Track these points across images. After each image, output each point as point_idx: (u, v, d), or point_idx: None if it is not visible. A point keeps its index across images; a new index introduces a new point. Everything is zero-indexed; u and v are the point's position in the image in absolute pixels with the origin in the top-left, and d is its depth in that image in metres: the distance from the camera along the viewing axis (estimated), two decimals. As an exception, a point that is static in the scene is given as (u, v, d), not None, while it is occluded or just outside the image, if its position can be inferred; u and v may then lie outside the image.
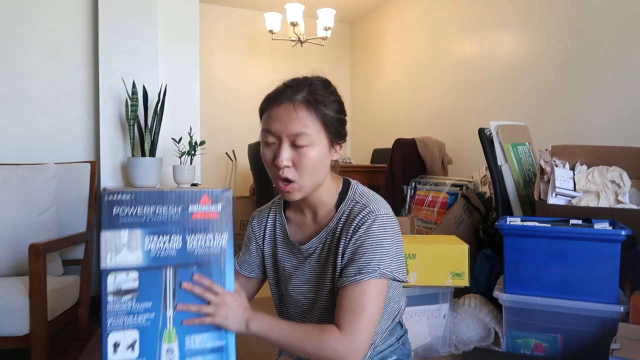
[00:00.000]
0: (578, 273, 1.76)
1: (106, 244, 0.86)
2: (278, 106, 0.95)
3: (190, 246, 0.89)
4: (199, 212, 0.90)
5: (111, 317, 0.85)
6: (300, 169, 0.94)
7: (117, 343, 0.85)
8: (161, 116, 2.50)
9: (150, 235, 0.87)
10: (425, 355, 2.03)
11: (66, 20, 2.59)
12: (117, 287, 0.85)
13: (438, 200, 2.91)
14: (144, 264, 0.87)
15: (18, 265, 1.96)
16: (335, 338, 0.89)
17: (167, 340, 0.87)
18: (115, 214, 0.86)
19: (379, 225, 0.96)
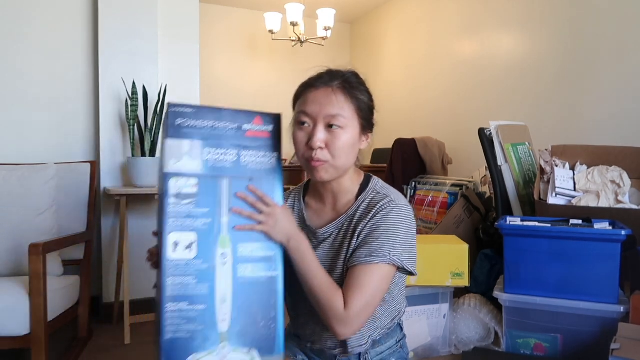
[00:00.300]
0: (578, 273, 1.76)
1: (170, 150, 0.92)
2: (316, 90, 1.00)
3: (244, 160, 0.96)
4: (252, 131, 0.98)
5: (172, 218, 0.90)
6: (333, 150, 0.98)
7: (176, 242, 0.90)
8: (161, 116, 2.50)
9: (209, 147, 0.94)
10: (425, 355, 2.03)
11: (66, 20, 2.59)
12: (178, 191, 0.91)
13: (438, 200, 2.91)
14: (202, 172, 0.93)
15: (18, 265, 1.96)
16: (340, 306, 0.94)
17: (221, 245, 0.92)
18: (178, 124, 0.93)
19: (397, 214, 1.00)
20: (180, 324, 0.88)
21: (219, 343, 0.90)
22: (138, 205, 2.64)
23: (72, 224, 2.27)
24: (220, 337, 0.90)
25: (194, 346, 0.88)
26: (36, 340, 1.65)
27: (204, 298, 0.90)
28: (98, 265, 2.65)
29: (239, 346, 0.91)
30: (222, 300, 0.91)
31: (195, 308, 0.89)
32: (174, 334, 0.88)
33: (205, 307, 0.90)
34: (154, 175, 2.46)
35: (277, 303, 0.96)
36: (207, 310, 0.90)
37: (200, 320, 0.89)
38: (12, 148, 2.48)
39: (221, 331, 0.90)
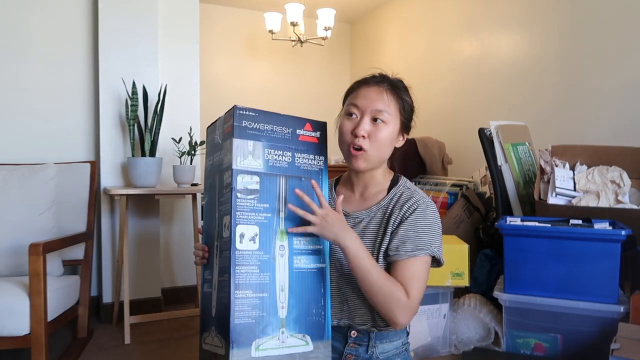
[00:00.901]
0: (578, 273, 1.76)
1: (237, 149, 1.00)
2: (369, 86, 1.12)
3: (298, 162, 1.07)
4: (304, 135, 1.09)
5: (239, 211, 0.98)
6: (374, 141, 1.09)
7: (242, 234, 0.98)
8: (161, 116, 2.50)
9: (269, 148, 1.04)
10: (425, 355, 2.03)
11: (66, 21, 2.59)
12: (244, 187, 1.00)
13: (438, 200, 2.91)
14: (264, 170, 1.02)
15: (18, 265, 1.96)
16: (403, 297, 1.03)
17: (280, 239, 1.02)
18: (243, 125, 1.02)
19: (432, 211, 1.11)
20: (246, 310, 0.96)
21: (280, 328, 0.98)
22: (138, 205, 2.64)
23: (72, 224, 2.27)
24: (281, 323, 0.99)
25: (258, 331, 0.96)
26: (36, 340, 1.65)
27: (266, 286, 0.99)
28: (98, 265, 2.65)
29: (295, 332, 1.00)
30: (281, 288, 1.00)
31: (259, 295, 0.98)
32: (241, 319, 0.95)
33: (267, 295, 0.98)
34: (153, 175, 2.46)
35: (326, 292, 1.06)
36: (269, 297, 0.98)
37: (263, 307, 0.98)
38: (12, 148, 2.48)
39: (281, 317, 0.99)
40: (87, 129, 2.66)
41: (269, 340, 0.97)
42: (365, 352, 1.12)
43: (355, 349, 1.13)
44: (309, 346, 1.01)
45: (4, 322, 1.64)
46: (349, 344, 1.13)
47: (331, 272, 1.12)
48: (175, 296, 2.87)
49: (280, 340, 0.98)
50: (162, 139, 2.61)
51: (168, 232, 2.88)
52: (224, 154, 1.04)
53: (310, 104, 5.15)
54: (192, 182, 2.59)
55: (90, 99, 2.66)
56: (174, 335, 2.37)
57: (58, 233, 2.12)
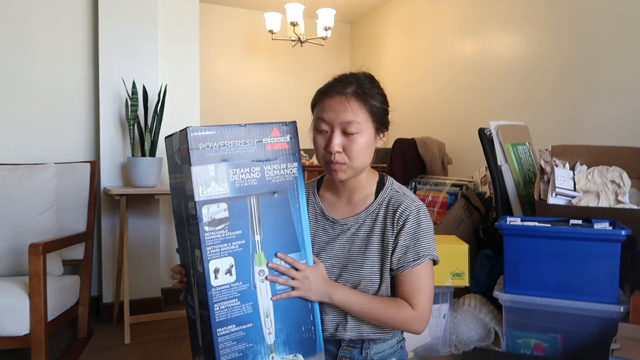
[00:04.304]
0: (578, 273, 1.76)
1: (197, 178, 0.91)
2: (331, 98, 1.04)
3: (268, 175, 0.97)
4: (272, 144, 0.98)
5: (209, 246, 0.91)
6: (350, 153, 1.04)
7: (217, 269, 0.92)
8: (161, 116, 2.50)
9: (233, 167, 0.94)
10: (425, 355, 2.03)
11: (66, 20, 2.59)
12: (211, 217, 0.92)
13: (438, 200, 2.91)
14: (230, 195, 0.93)
15: (18, 265, 1.96)
16: (410, 313, 1.04)
17: (257, 263, 0.96)
18: (201, 148, 0.91)
19: (423, 215, 1.09)
20: (232, 345, 0.93)
21: (269, 355, 0.96)
22: (138, 205, 2.64)
23: (72, 224, 2.27)
24: (269, 349, 0.96)
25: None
26: (36, 340, 1.65)
27: (250, 316, 0.95)
28: (98, 265, 2.65)
29: (285, 354, 0.98)
30: (266, 315, 0.97)
31: (243, 328, 0.94)
32: (227, 356, 0.92)
33: (252, 325, 0.95)
34: (153, 175, 2.46)
35: (314, 307, 1.03)
36: (254, 327, 0.95)
37: (249, 338, 0.94)
38: (12, 148, 2.48)
39: (269, 343, 0.96)
40: (87, 129, 2.66)
41: None
42: (359, 354, 1.12)
43: (350, 351, 1.12)
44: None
45: (4, 322, 1.64)
46: (343, 347, 1.12)
47: None
48: (175, 296, 2.86)
49: None
50: (162, 139, 2.61)
51: (168, 232, 2.88)
52: (185, 179, 0.95)
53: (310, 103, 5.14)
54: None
55: (90, 99, 2.66)
56: (174, 335, 2.37)
57: (58, 233, 2.12)
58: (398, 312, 1.04)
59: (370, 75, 1.11)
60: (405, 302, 1.05)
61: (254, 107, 5.22)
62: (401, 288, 1.07)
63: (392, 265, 1.08)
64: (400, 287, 1.07)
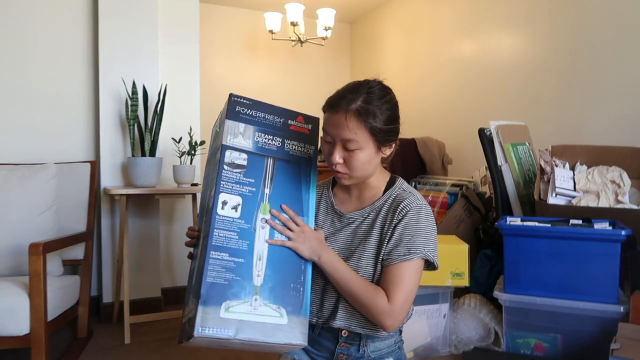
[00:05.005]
0: (578, 273, 1.76)
1: (228, 129, 1.08)
2: (335, 113, 1.07)
3: (287, 147, 1.13)
4: (295, 126, 1.15)
5: (224, 181, 1.05)
6: (350, 167, 1.08)
7: (225, 202, 1.04)
8: (161, 116, 2.50)
9: (259, 132, 1.11)
10: (425, 355, 2.03)
11: (66, 20, 2.59)
12: (231, 161, 1.06)
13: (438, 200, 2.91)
14: (252, 150, 1.09)
15: (18, 265, 1.96)
16: (384, 302, 1.03)
17: (262, 212, 1.06)
18: (237, 110, 1.10)
19: (425, 213, 1.10)
20: (220, 271, 0.99)
21: (253, 295, 0.99)
22: (138, 205, 2.64)
23: (72, 224, 2.27)
24: (255, 290, 1.00)
25: (230, 294, 0.98)
26: (36, 340, 1.65)
27: (243, 253, 1.02)
28: (98, 265, 2.65)
29: (270, 302, 1.00)
30: (259, 257, 1.02)
31: (235, 260, 1.00)
32: (214, 279, 0.98)
33: (243, 260, 1.01)
34: (153, 175, 2.46)
35: (306, 270, 1.07)
36: (245, 264, 1.01)
37: (238, 271, 1.00)
38: (12, 148, 2.48)
39: (256, 284, 1.00)
40: (87, 129, 2.65)
41: (240, 304, 0.98)
42: (356, 351, 1.12)
43: (347, 348, 1.13)
44: (282, 319, 1.00)
45: (4, 322, 1.64)
46: (340, 344, 1.13)
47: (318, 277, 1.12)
48: (175, 296, 2.86)
49: (253, 306, 0.98)
50: (162, 139, 2.61)
51: (168, 232, 2.88)
52: (220, 138, 1.10)
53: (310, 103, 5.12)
54: (192, 182, 2.59)
55: (90, 99, 2.66)
56: (174, 335, 2.37)
57: (58, 233, 2.12)
58: (374, 297, 1.03)
59: (383, 87, 1.12)
60: (382, 290, 1.05)
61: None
62: (382, 280, 1.06)
63: (383, 256, 1.08)
64: (382, 279, 1.07)
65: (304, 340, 1.00)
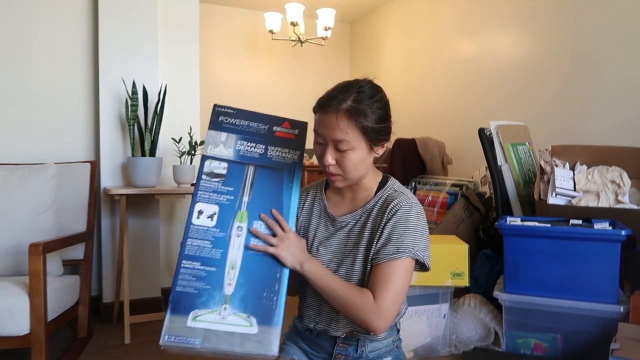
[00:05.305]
0: (578, 273, 1.76)
1: (209, 139, 1.11)
2: (326, 114, 1.05)
3: (270, 153, 1.12)
4: (280, 132, 1.14)
5: (201, 191, 1.07)
6: (343, 167, 1.07)
7: (200, 211, 1.05)
8: (161, 116, 2.50)
9: (242, 140, 1.12)
10: (425, 355, 2.03)
11: (66, 20, 2.59)
12: (210, 170, 1.08)
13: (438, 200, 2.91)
14: (233, 158, 1.10)
15: (18, 265, 1.96)
16: (369, 303, 1.01)
17: (239, 220, 1.06)
18: (220, 120, 1.13)
19: (415, 212, 1.08)
20: (190, 280, 1.00)
21: (222, 304, 0.99)
22: (138, 205, 2.64)
23: (72, 224, 2.27)
24: (225, 299, 1.00)
25: (199, 302, 0.99)
26: (36, 340, 1.65)
27: (216, 261, 1.02)
28: (98, 265, 2.65)
29: (240, 311, 0.99)
30: (232, 266, 1.02)
31: (207, 269, 1.01)
32: (183, 288, 0.99)
33: (215, 269, 1.01)
34: (153, 175, 2.46)
35: (282, 278, 1.04)
36: (217, 272, 1.01)
37: (209, 280, 1.00)
38: (12, 148, 2.48)
39: (226, 293, 1.00)
40: (87, 129, 2.65)
41: (208, 313, 0.98)
42: (354, 351, 1.12)
43: (345, 348, 1.13)
44: (252, 328, 0.98)
45: (4, 322, 1.64)
46: (338, 344, 1.13)
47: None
48: (175, 296, 2.86)
49: (221, 315, 0.98)
50: (162, 139, 2.61)
51: (168, 232, 2.88)
52: None
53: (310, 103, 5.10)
54: (192, 182, 2.59)
55: (90, 99, 2.66)
56: (174, 335, 2.37)
57: (58, 233, 2.12)
58: (359, 297, 1.02)
59: (373, 85, 1.10)
60: (369, 291, 1.03)
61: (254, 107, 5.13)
62: (370, 279, 1.05)
63: (372, 255, 1.07)
64: (370, 278, 1.05)
65: (275, 350, 0.97)
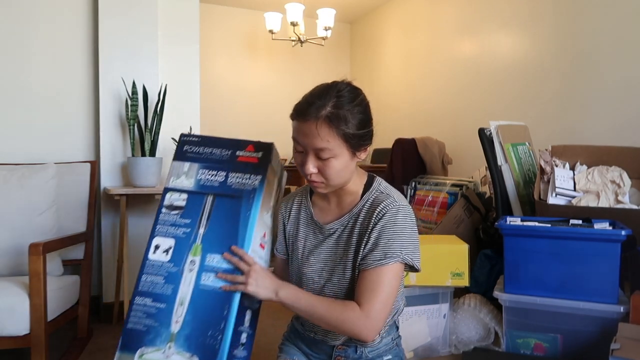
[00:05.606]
0: (578, 273, 1.76)
1: (172, 170, 1.11)
2: (304, 122, 1.01)
3: (230, 181, 1.08)
4: (243, 156, 1.10)
5: (160, 225, 1.06)
6: (325, 175, 1.04)
7: (157, 245, 1.05)
8: (161, 116, 2.51)
9: (204, 169, 1.10)
10: (425, 355, 2.03)
11: (66, 20, 2.59)
12: (170, 203, 1.08)
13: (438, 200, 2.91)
14: (193, 189, 1.09)
15: (18, 265, 1.96)
16: (355, 314, 0.98)
17: (193, 253, 1.04)
18: (184, 150, 1.13)
19: (402, 215, 1.05)
20: (141, 317, 1.00)
21: (167, 342, 0.98)
22: (138, 205, 2.64)
23: (72, 224, 2.26)
24: (170, 337, 0.98)
25: (147, 340, 0.98)
26: (36, 340, 1.65)
27: (166, 298, 1.01)
28: (98, 265, 2.65)
29: (183, 349, 0.97)
30: (180, 302, 1.00)
31: (157, 306, 1.00)
32: (134, 325, 1.00)
33: (165, 306, 1.00)
34: (153, 175, 2.46)
35: (229, 316, 0.99)
36: (166, 309, 1.00)
37: (157, 317, 1.00)
38: (12, 148, 2.48)
39: (172, 331, 0.98)
40: (87, 129, 2.65)
41: (154, 351, 0.97)
42: (354, 352, 1.12)
43: (344, 350, 1.12)
44: None
45: (4, 322, 1.64)
46: (337, 346, 1.13)
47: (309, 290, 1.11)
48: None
49: (165, 354, 0.96)
50: (162, 139, 2.61)
51: (168, 232, 2.87)
52: None
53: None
54: (192, 182, 2.59)
55: (90, 99, 2.65)
56: (174, 335, 2.37)
57: (58, 233, 2.12)
58: (343, 311, 0.99)
59: (352, 88, 1.05)
60: (352, 302, 1.00)
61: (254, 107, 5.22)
62: (358, 285, 1.02)
63: (359, 260, 1.04)
64: (358, 284, 1.03)
65: None
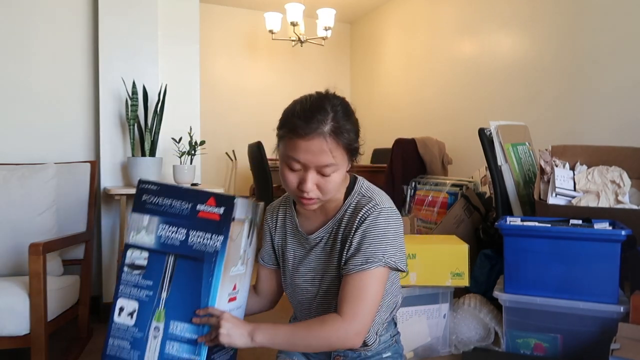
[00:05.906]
0: (578, 273, 1.76)
1: (132, 223, 1.04)
2: (309, 140, 0.95)
3: (191, 240, 1.00)
4: (204, 212, 1.01)
5: (123, 285, 1.02)
6: (324, 190, 1.00)
7: (122, 307, 1.01)
8: (161, 116, 2.51)
9: (164, 223, 1.02)
10: (425, 355, 2.03)
11: (66, 21, 2.59)
12: (132, 261, 1.02)
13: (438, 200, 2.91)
14: (154, 247, 1.02)
15: (18, 265, 1.96)
16: (336, 325, 0.96)
17: (156, 319, 0.99)
18: (143, 200, 1.04)
19: (384, 217, 1.02)
20: None
21: None
22: (138, 205, 2.64)
23: (72, 224, 2.26)
24: None
25: None
26: (36, 340, 1.65)
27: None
28: (98, 265, 2.65)
29: None
30: None
31: None
32: None
33: None
34: (153, 175, 2.46)
35: None
36: None
37: None
38: (12, 148, 2.48)
39: None
40: (87, 129, 2.65)
41: None
42: (353, 351, 1.12)
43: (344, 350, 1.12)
44: None
45: (4, 322, 1.64)
46: None
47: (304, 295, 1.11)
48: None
49: None
50: (162, 139, 2.61)
51: (168, 232, 2.87)
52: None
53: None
54: (192, 182, 2.59)
55: (90, 99, 2.65)
56: (174, 335, 2.36)
57: (58, 233, 2.12)
58: (322, 329, 0.96)
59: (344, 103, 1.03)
60: (333, 314, 0.98)
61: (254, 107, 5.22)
62: (341, 290, 1.00)
63: (342, 265, 1.03)
64: (341, 289, 1.00)
65: None
